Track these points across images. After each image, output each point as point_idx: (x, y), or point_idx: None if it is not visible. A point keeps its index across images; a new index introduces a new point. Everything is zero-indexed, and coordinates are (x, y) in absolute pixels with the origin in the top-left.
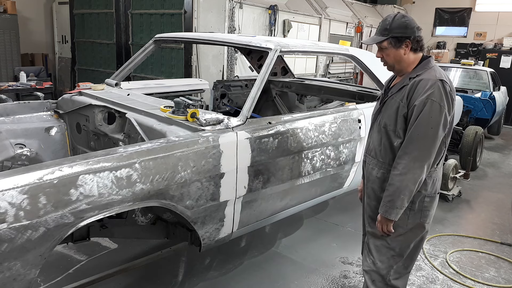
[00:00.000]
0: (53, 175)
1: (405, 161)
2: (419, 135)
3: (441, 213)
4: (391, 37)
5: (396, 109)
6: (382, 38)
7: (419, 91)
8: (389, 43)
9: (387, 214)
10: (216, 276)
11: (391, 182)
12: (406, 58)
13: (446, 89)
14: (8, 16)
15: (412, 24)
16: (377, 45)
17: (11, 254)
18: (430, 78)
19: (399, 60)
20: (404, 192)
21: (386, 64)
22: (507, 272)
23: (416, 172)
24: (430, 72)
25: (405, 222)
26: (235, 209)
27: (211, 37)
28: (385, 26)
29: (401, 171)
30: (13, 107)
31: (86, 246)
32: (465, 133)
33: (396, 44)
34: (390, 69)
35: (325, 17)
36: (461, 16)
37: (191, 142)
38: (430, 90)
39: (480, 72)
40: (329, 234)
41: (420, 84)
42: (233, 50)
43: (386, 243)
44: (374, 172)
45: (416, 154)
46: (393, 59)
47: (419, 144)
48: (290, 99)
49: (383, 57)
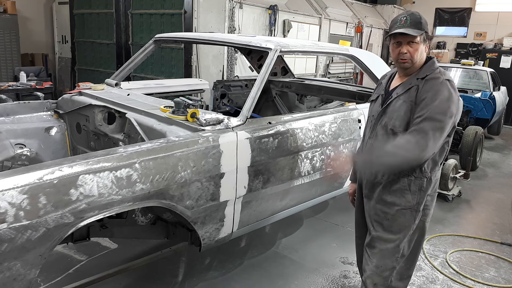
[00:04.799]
0: (53, 175)
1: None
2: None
3: (441, 213)
4: (425, 32)
5: (408, 110)
6: (419, 31)
7: (429, 90)
8: (422, 37)
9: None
10: (216, 276)
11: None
12: (424, 55)
13: (454, 88)
14: (8, 16)
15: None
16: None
17: (11, 254)
18: (439, 78)
19: (421, 57)
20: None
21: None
22: (507, 272)
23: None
24: (437, 73)
25: (411, 223)
26: (235, 209)
27: (211, 37)
28: (418, 20)
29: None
30: (13, 107)
31: (86, 246)
32: (465, 133)
33: (425, 40)
34: (408, 66)
35: (325, 17)
36: (461, 16)
37: (191, 142)
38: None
39: (480, 72)
40: (329, 234)
41: (430, 83)
42: (233, 50)
43: (391, 244)
44: (379, 175)
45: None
46: (418, 54)
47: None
48: (290, 99)
49: (409, 52)
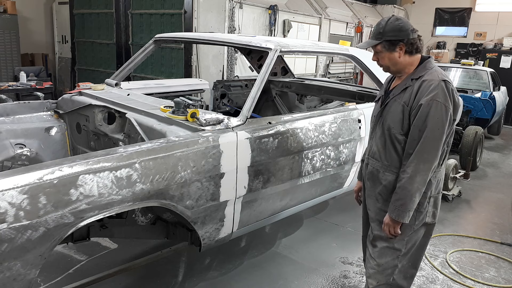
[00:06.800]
0: (53, 175)
1: (414, 163)
2: (426, 137)
3: (441, 213)
4: (384, 41)
5: (401, 111)
6: (375, 42)
7: (423, 92)
8: (382, 46)
9: (400, 218)
10: (216, 276)
11: (401, 185)
12: (401, 60)
13: (449, 89)
14: (8, 16)
15: (405, 27)
16: (372, 49)
17: (11, 254)
18: (433, 79)
19: (395, 63)
20: (415, 194)
21: (381, 66)
22: (507, 272)
23: (426, 174)
24: (432, 73)
25: (412, 224)
26: (235, 209)
27: (211, 37)
28: (378, 30)
29: (411, 173)
30: (13, 107)
31: (86, 246)
32: (465, 133)
33: (390, 47)
34: (386, 71)
35: (325, 17)
36: (461, 16)
37: (191, 142)
38: (434, 91)
39: (480, 72)
40: (329, 234)
41: (424, 85)
42: (233, 50)
43: (392, 244)
44: (380, 175)
45: (425, 156)
46: (387, 61)
47: (427, 146)
48: (290, 99)
49: (378, 60)
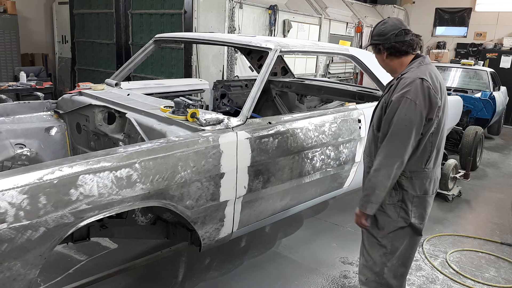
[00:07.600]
0: (53, 175)
1: (380, 157)
2: (392, 132)
3: (441, 213)
4: (370, 44)
5: (381, 108)
6: (367, 44)
7: (398, 89)
8: (372, 49)
9: (363, 208)
10: (216, 276)
11: (368, 177)
12: (387, 62)
13: (424, 87)
14: (8, 16)
15: (385, 31)
16: None
17: (11, 254)
18: (410, 76)
19: (384, 65)
20: (379, 187)
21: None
22: (507, 272)
23: (390, 168)
24: (413, 71)
25: (395, 220)
26: (235, 209)
27: (211, 37)
28: (371, 33)
29: (376, 167)
30: (13, 107)
31: (86, 246)
32: (465, 133)
33: (375, 50)
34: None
35: (325, 17)
36: (461, 16)
37: (191, 142)
38: (406, 88)
39: (480, 72)
40: (329, 234)
41: (401, 82)
42: (233, 50)
43: (377, 240)
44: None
45: (388, 151)
46: (380, 63)
47: (392, 141)
48: (290, 99)
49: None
